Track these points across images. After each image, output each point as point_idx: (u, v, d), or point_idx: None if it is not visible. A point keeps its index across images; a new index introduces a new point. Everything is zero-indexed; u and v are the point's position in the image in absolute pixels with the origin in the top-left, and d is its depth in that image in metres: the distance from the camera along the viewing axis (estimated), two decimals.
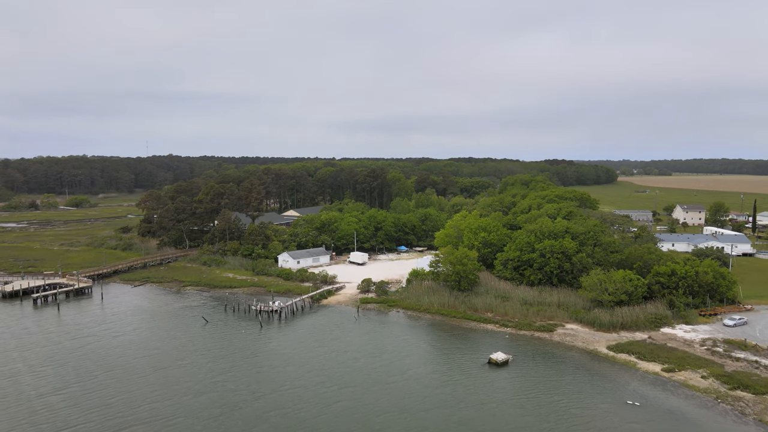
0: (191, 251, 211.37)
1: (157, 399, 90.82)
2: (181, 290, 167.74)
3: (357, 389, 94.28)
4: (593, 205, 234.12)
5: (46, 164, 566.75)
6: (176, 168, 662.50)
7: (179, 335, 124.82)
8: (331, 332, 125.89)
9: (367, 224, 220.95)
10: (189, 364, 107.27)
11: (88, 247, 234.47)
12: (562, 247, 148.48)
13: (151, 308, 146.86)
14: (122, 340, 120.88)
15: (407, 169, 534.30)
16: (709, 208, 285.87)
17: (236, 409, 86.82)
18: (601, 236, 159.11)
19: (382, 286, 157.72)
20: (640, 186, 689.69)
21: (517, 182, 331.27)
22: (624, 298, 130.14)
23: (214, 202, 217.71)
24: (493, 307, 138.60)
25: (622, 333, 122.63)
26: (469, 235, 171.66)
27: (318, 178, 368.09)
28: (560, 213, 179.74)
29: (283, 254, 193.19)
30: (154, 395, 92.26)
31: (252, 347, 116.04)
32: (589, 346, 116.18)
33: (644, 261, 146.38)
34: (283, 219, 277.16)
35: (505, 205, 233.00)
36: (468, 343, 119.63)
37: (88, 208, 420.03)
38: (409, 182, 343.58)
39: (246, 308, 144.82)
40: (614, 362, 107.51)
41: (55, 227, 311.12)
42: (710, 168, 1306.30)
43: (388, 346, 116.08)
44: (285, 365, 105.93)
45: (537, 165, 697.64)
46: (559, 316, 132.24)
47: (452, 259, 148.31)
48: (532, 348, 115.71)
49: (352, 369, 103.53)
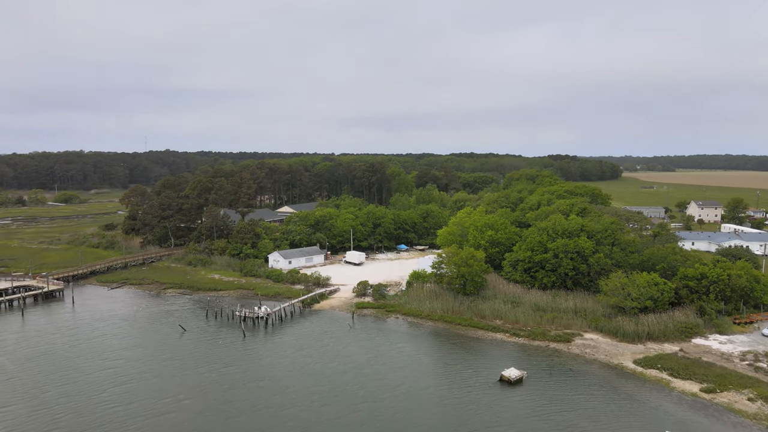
0: (176, 250, 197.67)
1: (109, 421, 78.38)
2: (161, 293, 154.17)
3: (342, 407, 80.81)
4: (605, 201, 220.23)
5: (37, 159, 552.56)
6: (172, 163, 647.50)
7: (150, 345, 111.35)
8: (322, 342, 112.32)
9: (365, 221, 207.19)
10: (155, 378, 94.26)
11: (68, 246, 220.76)
12: (578, 246, 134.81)
13: (124, 314, 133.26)
14: (85, 350, 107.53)
15: (408, 164, 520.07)
16: (726, 205, 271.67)
17: None
18: (620, 235, 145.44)
19: (379, 290, 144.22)
20: (645, 182, 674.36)
21: (523, 177, 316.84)
22: (649, 305, 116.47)
23: (202, 197, 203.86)
24: (503, 313, 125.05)
25: (649, 344, 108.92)
26: (474, 233, 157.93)
27: (315, 173, 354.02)
28: (573, 209, 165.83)
29: (274, 254, 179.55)
30: (106, 415, 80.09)
31: (229, 359, 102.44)
32: (613, 359, 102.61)
33: (668, 262, 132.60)
34: (276, 216, 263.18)
35: (511, 201, 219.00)
36: (476, 355, 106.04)
37: (78, 204, 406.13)
38: (409, 177, 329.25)
39: (230, 314, 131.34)
40: (644, 380, 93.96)
41: (39, 224, 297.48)
42: (714, 164, 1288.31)
43: (384, 359, 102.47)
44: (264, 380, 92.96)
45: (540, 160, 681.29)
46: (577, 324, 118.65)
47: (457, 260, 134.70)
48: (548, 362, 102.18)
49: (339, 383, 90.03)
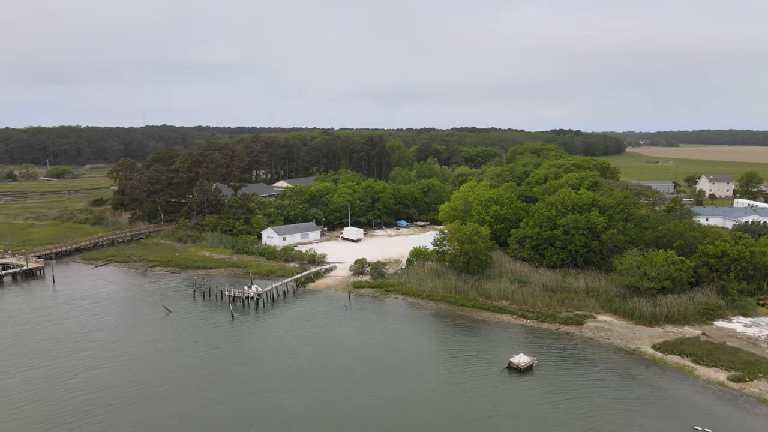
0: (166, 226, 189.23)
1: (74, 410, 72.14)
2: (147, 271, 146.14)
3: (331, 394, 73.22)
4: (614, 175, 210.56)
5: (29, 133, 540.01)
6: (169, 138, 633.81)
7: (130, 326, 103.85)
8: (314, 323, 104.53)
9: (363, 196, 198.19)
10: (131, 362, 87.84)
11: (55, 222, 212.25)
12: (589, 222, 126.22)
13: (107, 293, 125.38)
14: (59, 332, 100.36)
15: (408, 138, 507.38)
16: (738, 179, 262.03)
17: (163, 428, 66.41)
18: (633, 210, 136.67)
19: (378, 268, 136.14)
20: (650, 157, 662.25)
21: (527, 151, 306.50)
22: (667, 285, 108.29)
23: (192, 171, 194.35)
24: (509, 293, 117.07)
25: (668, 328, 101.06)
26: (478, 208, 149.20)
27: (312, 147, 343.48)
28: (583, 183, 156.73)
29: (268, 230, 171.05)
30: (72, 404, 73.97)
31: (213, 342, 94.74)
32: (630, 344, 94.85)
33: (686, 239, 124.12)
34: (272, 191, 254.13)
35: (516, 175, 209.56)
36: (480, 339, 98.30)
37: (70, 179, 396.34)
38: (409, 151, 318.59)
39: (218, 294, 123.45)
40: (664, 367, 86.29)
41: (28, 199, 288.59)
42: (718, 139, 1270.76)
43: (380, 342, 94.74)
44: (247, 364, 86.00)
45: (543, 135, 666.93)
46: (589, 306, 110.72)
47: (460, 236, 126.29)
48: (559, 346, 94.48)
49: (329, 368, 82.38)
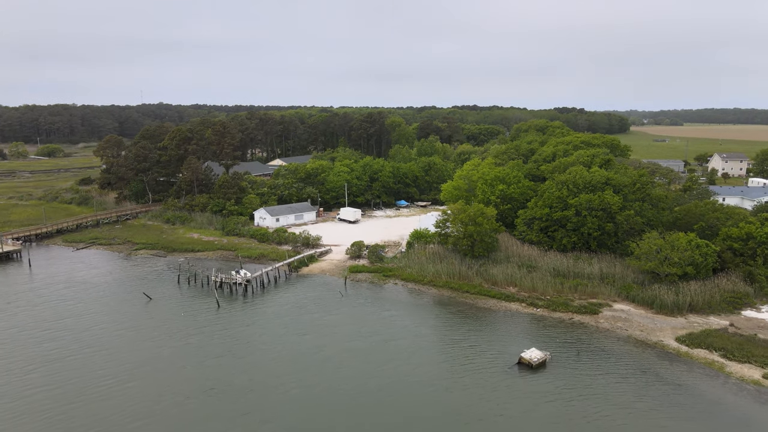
0: (154, 206, 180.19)
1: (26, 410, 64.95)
2: (131, 254, 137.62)
3: (317, 390, 65.02)
4: (624, 153, 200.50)
5: (21, 111, 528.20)
6: (164, 116, 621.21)
7: (105, 315, 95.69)
8: (306, 311, 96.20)
9: (361, 174, 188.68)
10: (99, 354, 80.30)
11: (39, 201, 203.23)
12: (603, 202, 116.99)
13: (85, 278, 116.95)
14: (25, 320, 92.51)
15: (408, 116, 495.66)
16: (753, 157, 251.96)
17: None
18: (650, 189, 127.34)
19: (376, 251, 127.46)
20: (656, 135, 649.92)
21: (531, 129, 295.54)
22: (690, 271, 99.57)
23: (181, 148, 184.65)
24: (517, 279, 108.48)
25: (692, 318, 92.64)
26: (483, 187, 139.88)
27: (310, 124, 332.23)
28: (595, 161, 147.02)
29: (260, 210, 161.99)
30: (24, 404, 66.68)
31: (193, 333, 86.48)
32: (651, 336, 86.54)
33: (707, 221, 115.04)
34: (267, 169, 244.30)
35: (522, 153, 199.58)
36: (486, 328, 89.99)
37: (61, 158, 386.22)
38: (410, 129, 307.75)
39: (205, 279, 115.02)
40: (691, 362, 78.05)
41: (16, 178, 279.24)
42: (723, 118, 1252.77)
43: (375, 331, 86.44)
44: (225, 356, 78.58)
45: (546, 113, 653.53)
46: (604, 293, 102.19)
47: (464, 218, 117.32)
48: (574, 338, 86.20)
49: (317, 360, 74.12)
